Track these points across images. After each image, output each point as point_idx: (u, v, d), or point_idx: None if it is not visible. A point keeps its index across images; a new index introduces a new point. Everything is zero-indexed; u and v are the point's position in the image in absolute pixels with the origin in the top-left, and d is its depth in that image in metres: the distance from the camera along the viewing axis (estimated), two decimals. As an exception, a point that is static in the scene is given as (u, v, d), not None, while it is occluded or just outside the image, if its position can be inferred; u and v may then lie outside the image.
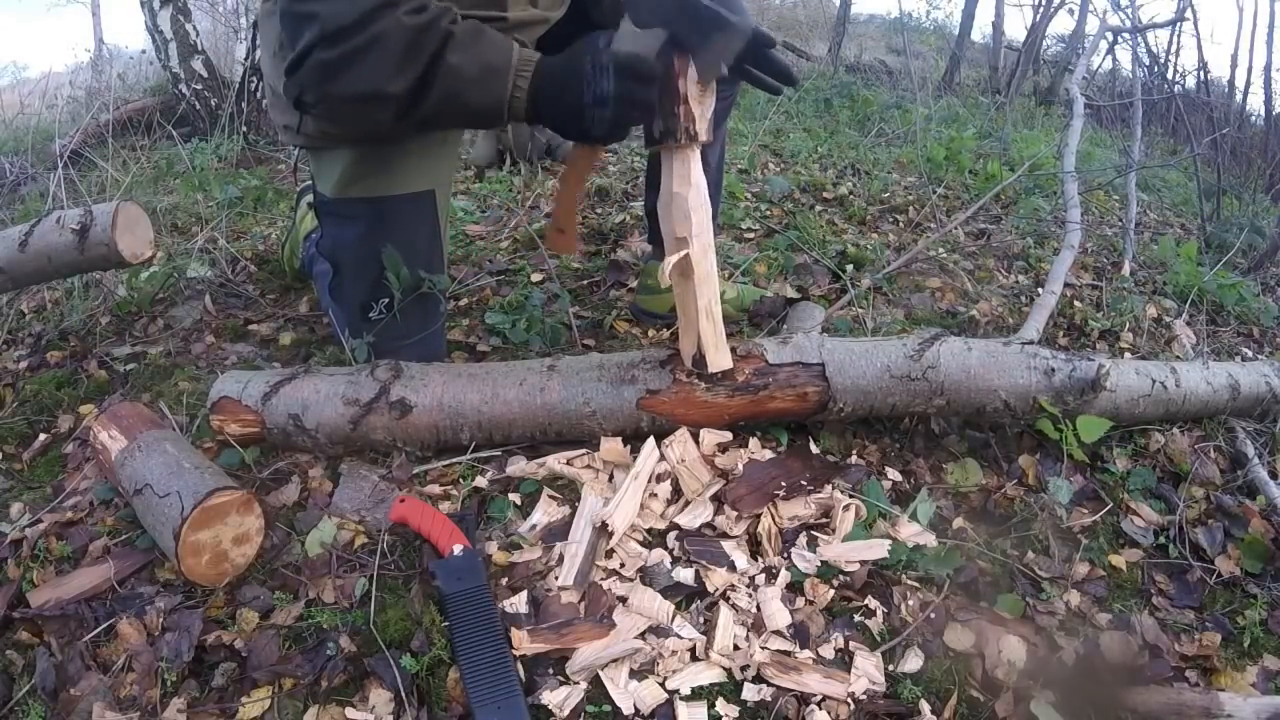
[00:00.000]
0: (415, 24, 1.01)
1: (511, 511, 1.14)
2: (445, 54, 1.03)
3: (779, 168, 2.92)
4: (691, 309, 1.15)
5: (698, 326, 1.16)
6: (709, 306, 1.16)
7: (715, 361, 1.17)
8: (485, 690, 0.86)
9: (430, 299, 1.38)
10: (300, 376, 1.22)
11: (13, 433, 1.38)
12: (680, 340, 1.21)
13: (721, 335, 1.18)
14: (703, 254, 1.14)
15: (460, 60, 1.04)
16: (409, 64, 1.02)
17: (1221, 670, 1.00)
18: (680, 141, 1.10)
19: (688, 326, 1.18)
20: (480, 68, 1.05)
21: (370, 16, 1.00)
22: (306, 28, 1.03)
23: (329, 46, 1.02)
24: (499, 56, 1.06)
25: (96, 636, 0.96)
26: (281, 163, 2.97)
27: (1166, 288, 2.16)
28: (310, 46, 1.03)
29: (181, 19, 3.29)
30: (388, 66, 1.02)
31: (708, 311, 1.16)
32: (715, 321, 1.17)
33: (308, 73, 1.06)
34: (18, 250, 1.46)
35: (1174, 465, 1.34)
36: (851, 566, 1.07)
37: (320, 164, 1.34)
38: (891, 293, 1.93)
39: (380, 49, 1.01)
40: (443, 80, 1.04)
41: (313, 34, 1.02)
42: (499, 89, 1.06)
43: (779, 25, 7.87)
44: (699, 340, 1.16)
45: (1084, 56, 4.50)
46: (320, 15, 1.01)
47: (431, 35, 1.02)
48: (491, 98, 1.07)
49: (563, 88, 1.06)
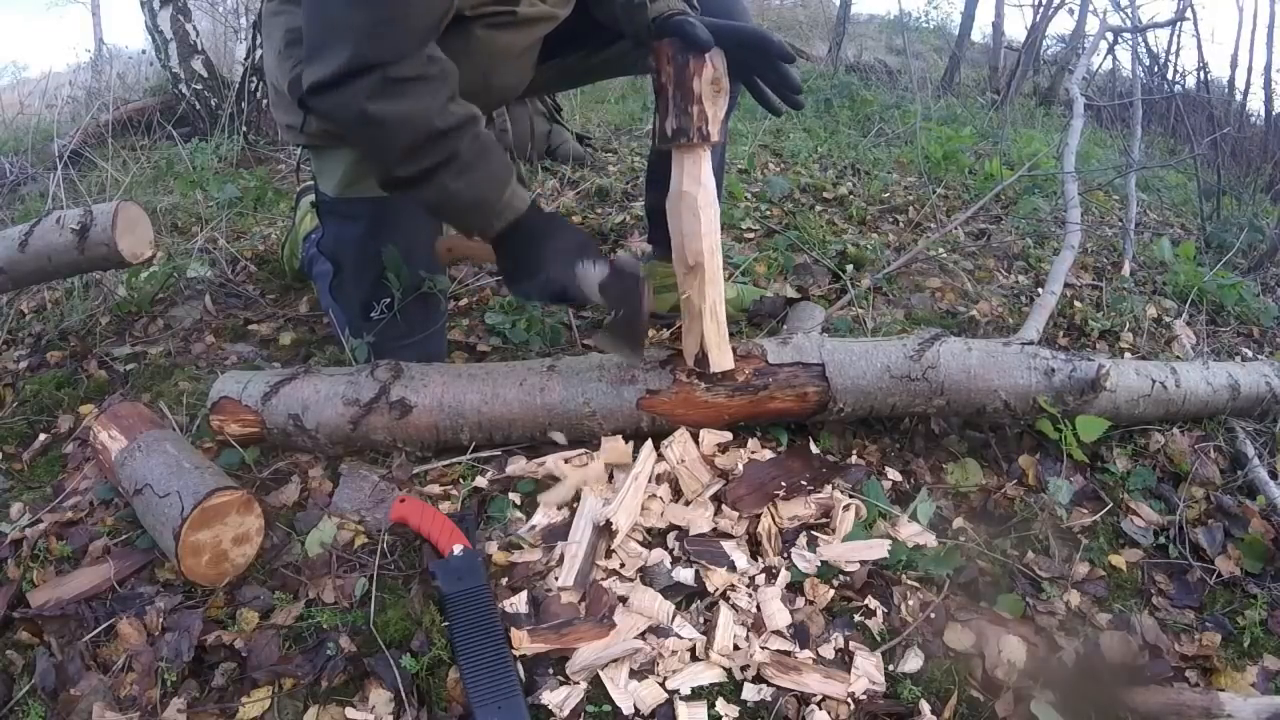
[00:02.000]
0: (441, 128, 1.05)
1: (511, 511, 1.14)
2: (446, 171, 1.07)
3: (779, 168, 2.92)
4: (696, 308, 1.15)
5: (702, 325, 1.16)
6: (714, 306, 1.16)
7: (718, 361, 1.18)
8: (485, 690, 0.86)
9: (431, 299, 1.38)
10: (300, 376, 1.22)
11: (13, 433, 1.38)
12: (684, 339, 1.21)
13: (725, 335, 1.18)
14: (710, 254, 1.14)
15: (457, 186, 1.09)
16: (418, 160, 1.07)
17: (1221, 670, 1.00)
18: (693, 141, 1.10)
19: (692, 325, 1.18)
20: (475, 198, 1.11)
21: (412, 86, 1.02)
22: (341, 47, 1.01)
23: (372, 97, 1.02)
24: (494, 194, 1.11)
25: (96, 636, 0.96)
26: (281, 163, 2.97)
27: (1166, 288, 2.16)
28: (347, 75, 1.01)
29: (181, 19, 3.28)
30: (400, 148, 1.06)
31: (712, 311, 1.16)
32: (720, 322, 1.17)
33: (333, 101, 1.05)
34: (18, 250, 1.46)
35: (1174, 465, 1.34)
36: (851, 566, 1.07)
37: (323, 163, 1.34)
38: (891, 293, 1.92)
39: (402, 131, 1.04)
40: (434, 191, 1.10)
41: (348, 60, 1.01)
42: (484, 223, 1.14)
43: (779, 25, 7.87)
44: (702, 339, 1.16)
45: (1084, 56, 4.49)
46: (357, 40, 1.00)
47: (445, 145, 1.06)
48: (473, 227, 1.16)
49: (520, 260, 1.16)
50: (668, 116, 1.10)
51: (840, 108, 4.12)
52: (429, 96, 1.04)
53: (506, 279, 1.20)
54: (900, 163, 3.12)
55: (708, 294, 1.15)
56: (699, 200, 1.12)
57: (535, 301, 1.17)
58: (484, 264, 1.56)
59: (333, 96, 1.04)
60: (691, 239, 1.13)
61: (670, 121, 1.10)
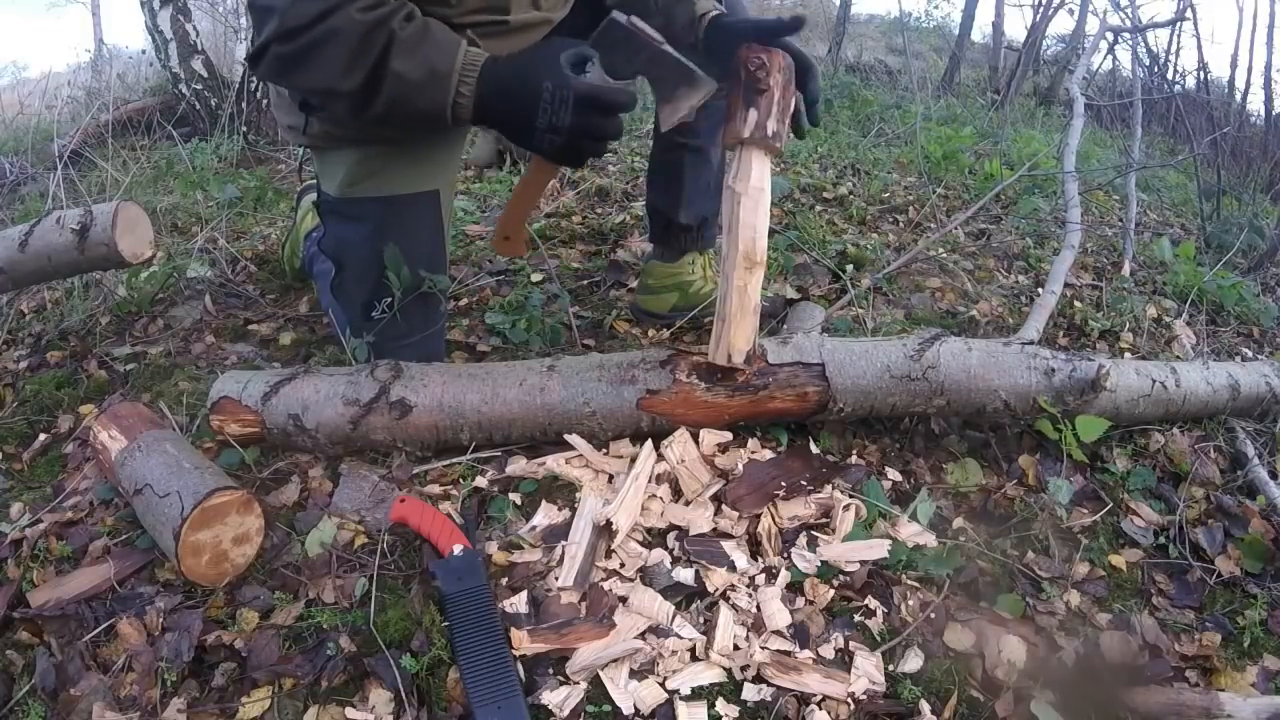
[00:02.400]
0: (365, 21, 1.00)
1: (511, 511, 1.14)
2: (390, 58, 1.02)
3: (779, 168, 2.92)
4: (752, 303, 1.15)
5: (755, 322, 1.17)
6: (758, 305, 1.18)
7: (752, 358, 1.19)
8: (485, 690, 0.86)
9: (431, 299, 1.38)
10: (300, 376, 1.22)
11: (13, 433, 1.38)
12: (733, 334, 1.16)
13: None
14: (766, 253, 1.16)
15: (403, 66, 1.02)
16: (357, 64, 1.02)
17: (1221, 670, 1.00)
18: (780, 146, 1.14)
19: (743, 321, 1.16)
20: (424, 72, 1.03)
21: (325, 13, 1.00)
22: (267, 21, 1.04)
23: (286, 41, 1.03)
24: (443, 60, 1.03)
25: (96, 636, 0.96)
26: (282, 163, 2.97)
27: (1166, 288, 2.16)
28: (269, 40, 1.04)
29: (181, 19, 3.29)
30: (338, 65, 1.02)
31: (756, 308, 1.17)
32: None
33: (267, 66, 1.07)
34: (18, 250, 1.46)
35: (1174, 465, 1.34)
36: (851, 566, 1.07)
37: (325, 163, 1.34)
38: (891, 293, 1.93)
39: (331, 47, 1.01)
40: (389, 84, 1.04)
41: (271, 28, 1.03)
42: (441, 94, 1.04)
43: (779, 25, 7.85)
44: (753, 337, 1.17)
45: (1084, 56, 4.50)
46: (278, 9, 1.02)
47: (378, 36, 1.01)
48: (435, 103, 1.05)
49: (512, 102, 1.04)
50: (770, 117, 1.12)
51: (840, 108, 4.12)
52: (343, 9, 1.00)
53: (526, 140, 1.07)
54: (900, 163, 3.12)
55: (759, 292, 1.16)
56: (768, 201, 1.16)
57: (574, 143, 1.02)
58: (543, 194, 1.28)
59: (262, 66, 1.06)
60: (762, 237, 1.15)
61: (772, 123, 1.12)
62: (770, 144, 1.13)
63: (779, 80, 1.12)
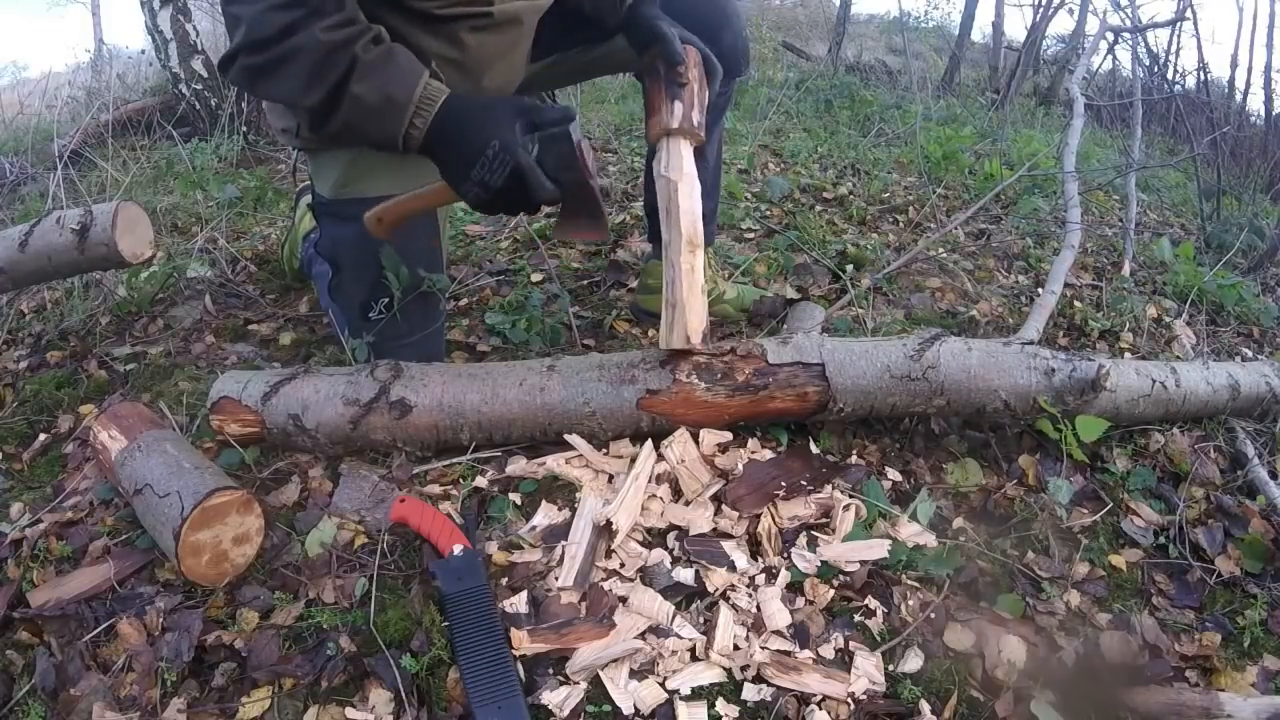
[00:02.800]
0: (329, 42, 1.02)
1: (511, 511, 1.14)
2: (350, 81, 1.03)
3: (779, 168, 2.92)
4: (700, 284, 1.20)
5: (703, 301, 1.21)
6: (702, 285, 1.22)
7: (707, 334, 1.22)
8: (485, 690, 0.86)
9: (430, 299, 1.38)
10: (300, 376, 1.22)
11: (13, 433, 1.38)
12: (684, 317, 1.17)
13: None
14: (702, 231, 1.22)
15: (362, 90, 1.03)
16: (317, 83, 1.03)
17: (1221, 670, 1.00)
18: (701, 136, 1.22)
19: (692, 302, 1.18)
20: (381, 99, 1.04)
21: (291, 28, 1.01)
22: (235, 29, 1.05)
23: (252, 52, 1.04)
24: (402, 90, 1.04)
25: (96, 636, 0.96)
26: (281, 163, 2.97)
27: (1166, 288, 2.16)
28: (238, 50, 1.06)
29: (181, 19, 3.28)
30: (300, 81, 1.04)
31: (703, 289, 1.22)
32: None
33: (235, 74, 1.09)
34: (18, 250, 1.46)
35: (1174, 465, 1.34)
36: (851, 566, 1.07)
37: (318, 165, 1.35)
38: (891, 293, 1.93)
39: (294, 63, 1.03)
40: (346, 105, 1.05)
41: (239, 37, 1.05)
42: (395, 123, 1.05)
43: (779, 25, 7.87)
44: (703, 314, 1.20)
45: (1084, 56, 4.50)
46: (245, 20, 1.03)
47: (340, 58, 1.02)
48: (388, 131, 1.06)
49: (457, 148, 1.05)
50: (693, 109, 1.21)
51: (840, 108, 4.12)
52: (310, 24, 1.01)
53: (454, 182, 1.09)
54: (900, 163, 3.12)
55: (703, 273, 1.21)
56: (699, 186, 1.22)
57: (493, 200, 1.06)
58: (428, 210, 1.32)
59: (232, 72, 1.07)
60: (699, 220, 1.21)
61: (695, 114, 1.21)
62: (695, 133, 1.21)
63: (695, 75, 1.22)
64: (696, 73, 1.21)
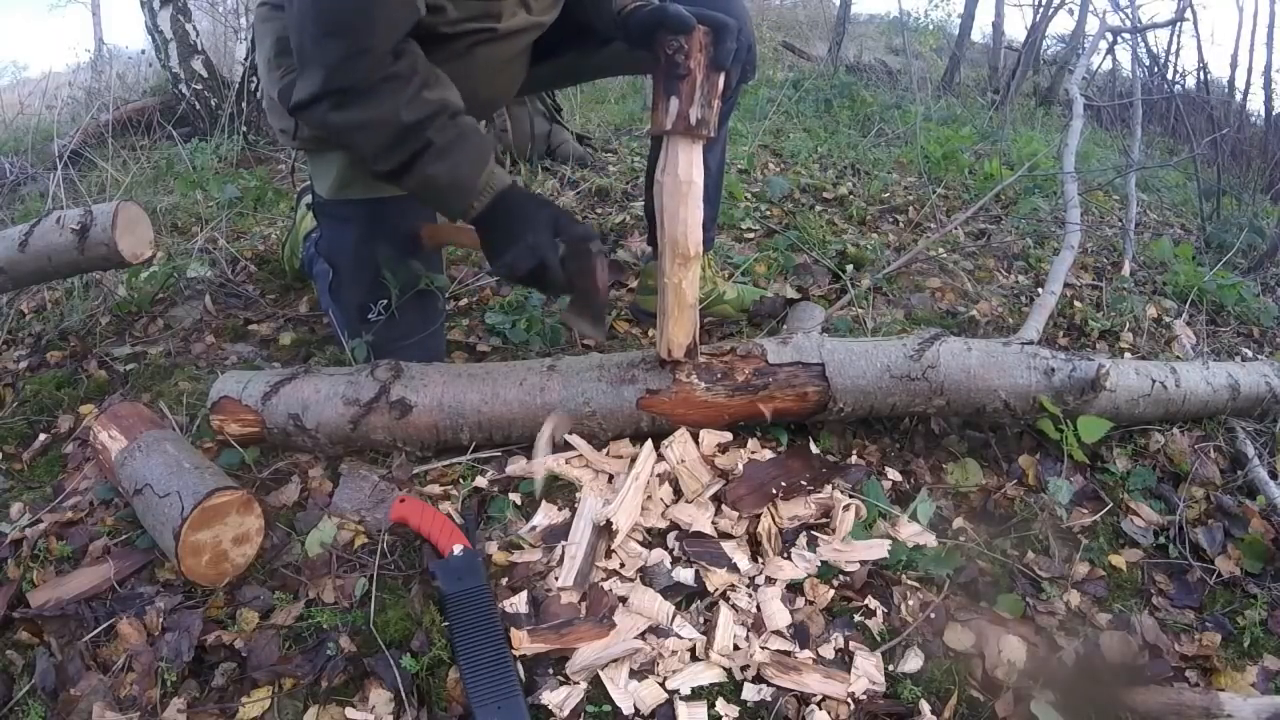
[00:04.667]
0: (407, 123, 1.08)
1: (511, 511, 1.14)
2: (423, 160, 1.11)
3: (779, 168, 2.92)
4: (689, 298, 1.16)
5: (695, 316, 1.18)
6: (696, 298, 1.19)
7: (696, 351, 1.21)
8: (485, 690, 0.86)
9: (429, 299, 1.38)
10: (300, 376, 1.22)
11: (13, 433, 1.38)
12: (671, 330, 1.18)
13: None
14: (701, 245, 1.16)
15: (436, 172, 1.12)
16: (394, 154, 1.11)
17: (1221, 670, 1.00)
18: (708, 133, 1.11)
19: (681, 316, 1.17)
20: (450, 182, 1.13)
21: (374, 91, 1.06)
22: (310, 70, 1.08)
23: (338, 109, 1.09)
24: (470, 177, 1.14)
25: (96, 636, 0.96)
26: (281, 163, 2.97)
27: (1166, 288, 2.16)
28: (320, 95, 1.08)
29: (181, 19, 3.28)
30: (375, 148, 1.11)
31: (695, 303, 1.18)
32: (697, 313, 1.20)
33: (311, 118, 1.14)
34: (18, 250, 1.46)
35: (1174, 465, 1.34)
36: (851, 566, 1.07)
37: (317, 166, 1.35)
38: (891, 293, 1.92)
39: (374, 134, 1.10)
40: (418, 179, 1.13)
41: (319, 83, 1.07)
42: (460, 204, 1.16)
43: (779, 25, 7.87)
44: (694, 330, 1.18)
45: (1084, 56, 4.49)
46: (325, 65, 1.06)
47: (415, 139, 1.09)
48: (450, 208, 1.18)
49: (500, 231, 1.17)
50: (692, 105, 1.08)
51: (840, 108, 4.12)
52: (392, 97, 1.07)
53: (489, 255, 1.21)
54: (900, 163, 3.12)
55: (698, 285, 1.17)
56: (699, 192, 1.13)
57: (516, 277, 1.17)
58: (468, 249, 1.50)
59: (308, 114, 1.13)
60: (694, 229, 1.13)
61: (695, 110, 1.08)
62: (695, 132, 1.09)
63: (700, 61, 1.07)
64: (703, 58, 1.07)
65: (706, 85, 1.08)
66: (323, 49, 1.06)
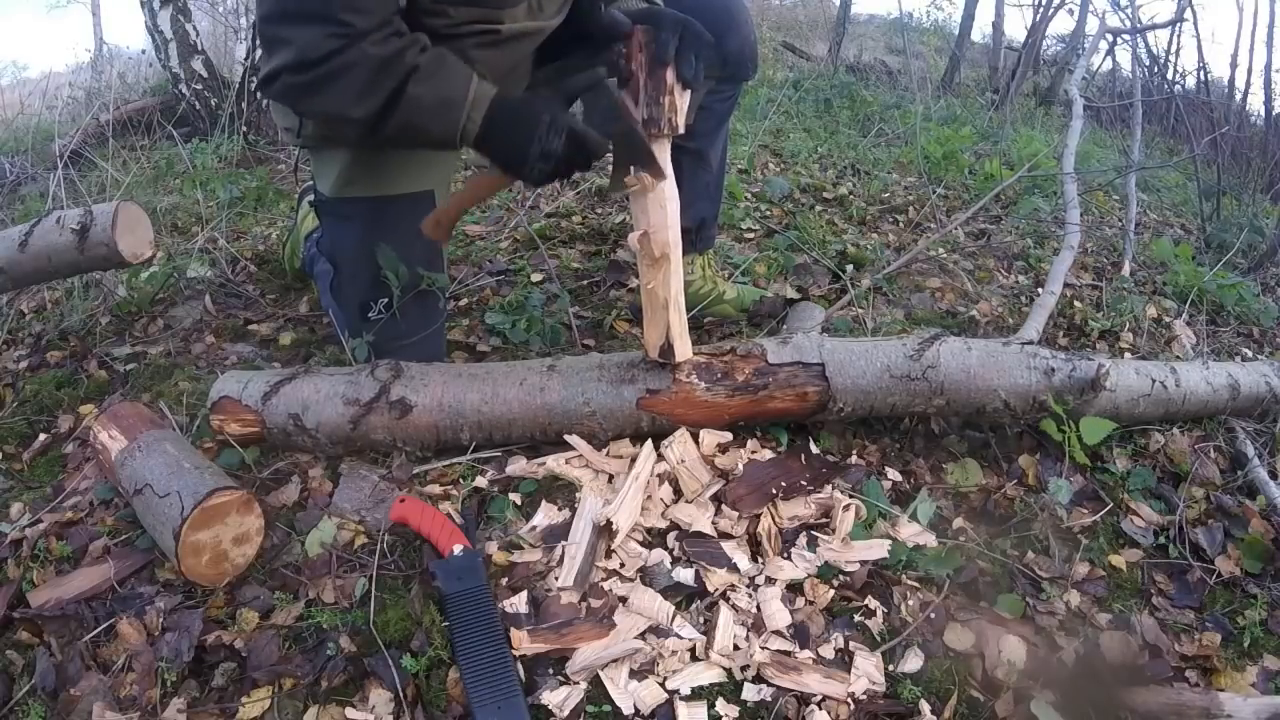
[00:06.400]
0: (381, 56, 1.04)
1: (511, 511, 1.14)
2: (408, 86, 1.07)
3: (779, 168, 2.92)
4: (661, 299, 1.16)
5: (668, 316, 1.16)
6: (676, 297, 1.17)
7: (681, 351, 1.19)
8: (485, 690, 0.86)
9: (430, 299, 1.38)
10: (300, 376, 1.22)
11: (13, 433, 1.38)
12: (646, 331, 1.20)
13: (685, 325, 1.20)
14: (675, 245, 1.15)
15: (421, 91, 1.07)
16: (372, 94, 1.06)
17: (1221, 670, 1.00)
18: (663, 132, 1.10)
19: (655, 317, 1.18)
20: (438, 100, 1.09)
21: (340, 49, 1.03)
22: (279, 50, 1.06)
23: (298, 72, 1.06)
24: (457, 90, 1.09)
25: (96, 636, 0.96)
26: (281, 163, 2.97)
27: (1166, 288, 2.16)
28: (281, 69, 1.06)
29: (181, 19, 3.28)
30: (352, 94, 1.06)
31: (675, 302, 1.17)
32: (681, 312, 1.19)
33: (279, 92, 1.11)
34: (18, 250, 1.46)
35: (1174, 465, 1.34)
36: (851, 566, 1.07)
37: (320, 164, 1.35)
38: (891, 293, 1.93)
39: (346, 78, 1.05)
40: (403, 109, 1.08)
41: (285, 58, 1.05)
42: (454, 120, 1.10)
43: (779, 25, 7.87)
44: (667, 330, 1.17)
45: (1084, 57, 4.50)
46: (293, 42, 1.04)
47: (396, 68, 1.06)
48: (446, 128, 1.11)
49: (513, 131, 1.10)
50: (638, 105, 1.09)
51: (840, 108, 4.12)
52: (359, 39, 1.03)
53: (513, 168, 1.13)
54: (900, 163, 3.12)
55: (672, 284, 1.15)
56: (665, 192, 1.12)
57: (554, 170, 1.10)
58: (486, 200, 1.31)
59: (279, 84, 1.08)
60: (659, 230, 1.13)
61: (640, 111, 1.09)
62: (647, 130, 1.10)
63: (640, 61, 1.09)
64: (643, 58, 1.08)
65: (650, 83, 1.09)
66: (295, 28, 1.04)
